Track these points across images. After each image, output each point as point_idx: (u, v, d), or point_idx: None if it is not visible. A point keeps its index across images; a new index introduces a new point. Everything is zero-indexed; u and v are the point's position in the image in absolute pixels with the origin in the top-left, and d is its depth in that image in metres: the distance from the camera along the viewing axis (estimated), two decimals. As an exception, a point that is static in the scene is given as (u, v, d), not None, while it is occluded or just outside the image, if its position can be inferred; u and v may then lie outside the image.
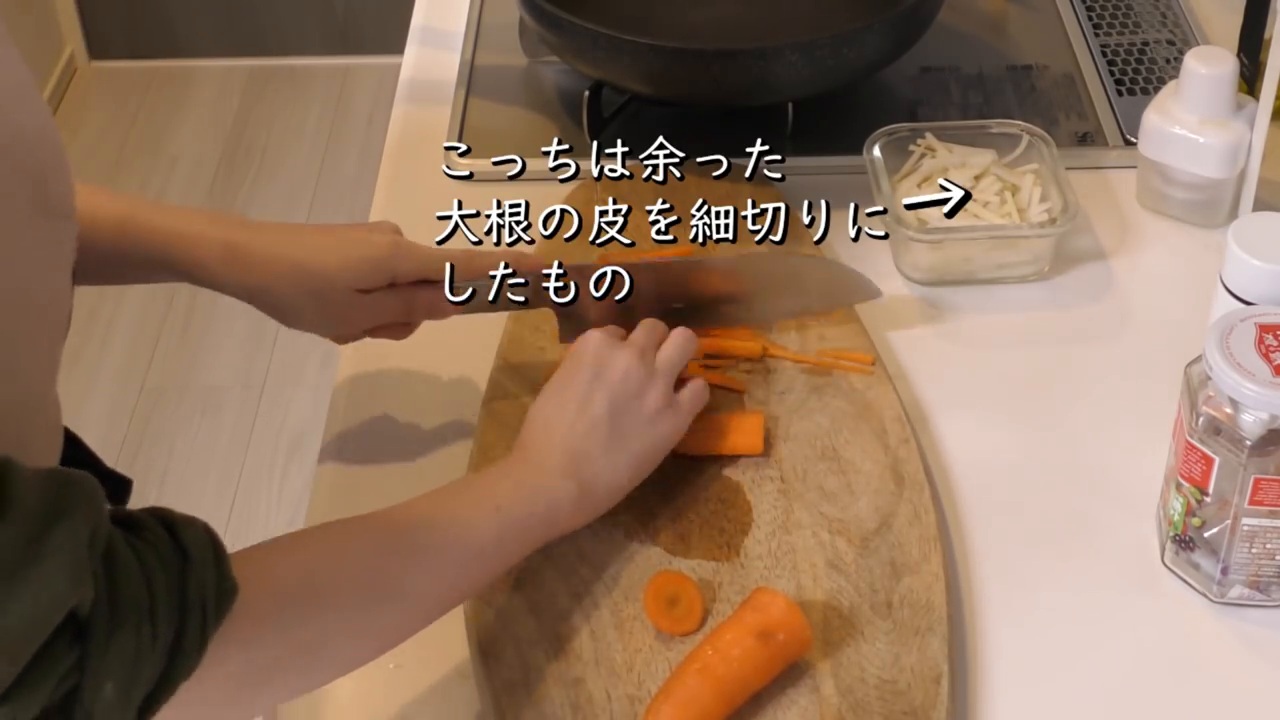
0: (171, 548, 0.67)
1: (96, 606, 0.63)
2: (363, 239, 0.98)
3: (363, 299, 0.98)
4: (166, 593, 0.65)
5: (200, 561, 0.67)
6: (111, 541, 0.64)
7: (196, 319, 2.54)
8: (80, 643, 0.62)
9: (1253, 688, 0.88)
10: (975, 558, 0.94)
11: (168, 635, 0.65)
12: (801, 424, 0.99)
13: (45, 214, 0.71)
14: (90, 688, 0.63)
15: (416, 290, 0.99)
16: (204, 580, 0.67)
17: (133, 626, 0.64)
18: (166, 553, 0.67)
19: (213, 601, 0.67)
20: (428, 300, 0.99)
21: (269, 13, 3.07)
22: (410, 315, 1.00)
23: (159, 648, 0.65)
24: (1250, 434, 0.84)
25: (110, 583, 0.63)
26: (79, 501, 0.63)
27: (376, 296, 0.98)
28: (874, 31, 1.23)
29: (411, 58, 1.42)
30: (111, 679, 0.63)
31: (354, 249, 0.97)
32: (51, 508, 0.61)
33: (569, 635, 0.87)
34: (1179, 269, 1.15)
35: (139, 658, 0.64)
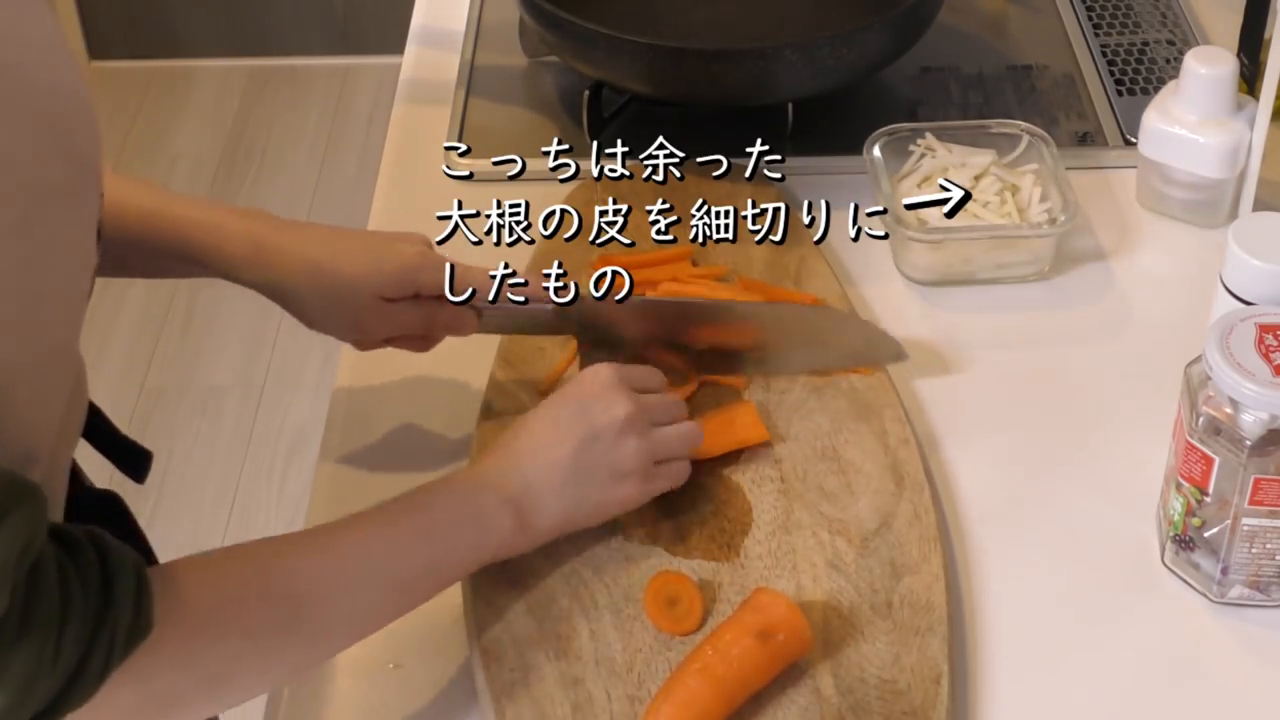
0: (98, 577, 0.67)
1: (8, 617, 0.62)
2: (391, 247, 0.98)
3: (386, 307, 0.97)
4: (80, 621, 0.65)
5: (121, 598, 0.67)
6: (42, 556, 0.64)
7: (196, 320, 2.54)
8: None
9: (1253, 688, 0.88)
10: (975, 558, 0.94)
11: (70, 660, 0.64)
12: (802, 424, 0.99)
13: (74, 169, 0.71)
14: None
15: (440, 305, 0.98)
16: (119, 617, 0.66)
17: (38, 644, 0.63)
18: (91, 580, 0.66)
19: (123, 637, 0.66)
20: (450, 316, 0.98)
21: (269, 13, 3.07)
22: (431, 329, 1.00)
23: (59, 670, 0.64)
24: (1250, 434, 0.84)
25: (28, 597, 0.63)
26: (21, 507, 0.62)
27: (400, 306, 0.97)
28: (874, 31, 1.23)
29: (411, 58, 1.42)
30: (5, 691, 0.62)
31: (381, 256, 0.97)
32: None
33: (569, 635, 0.87)
34: (1179, 269, 1.15)
35: (37, 675, 0.63)
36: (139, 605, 0.67)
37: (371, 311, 0.97)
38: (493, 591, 0.90)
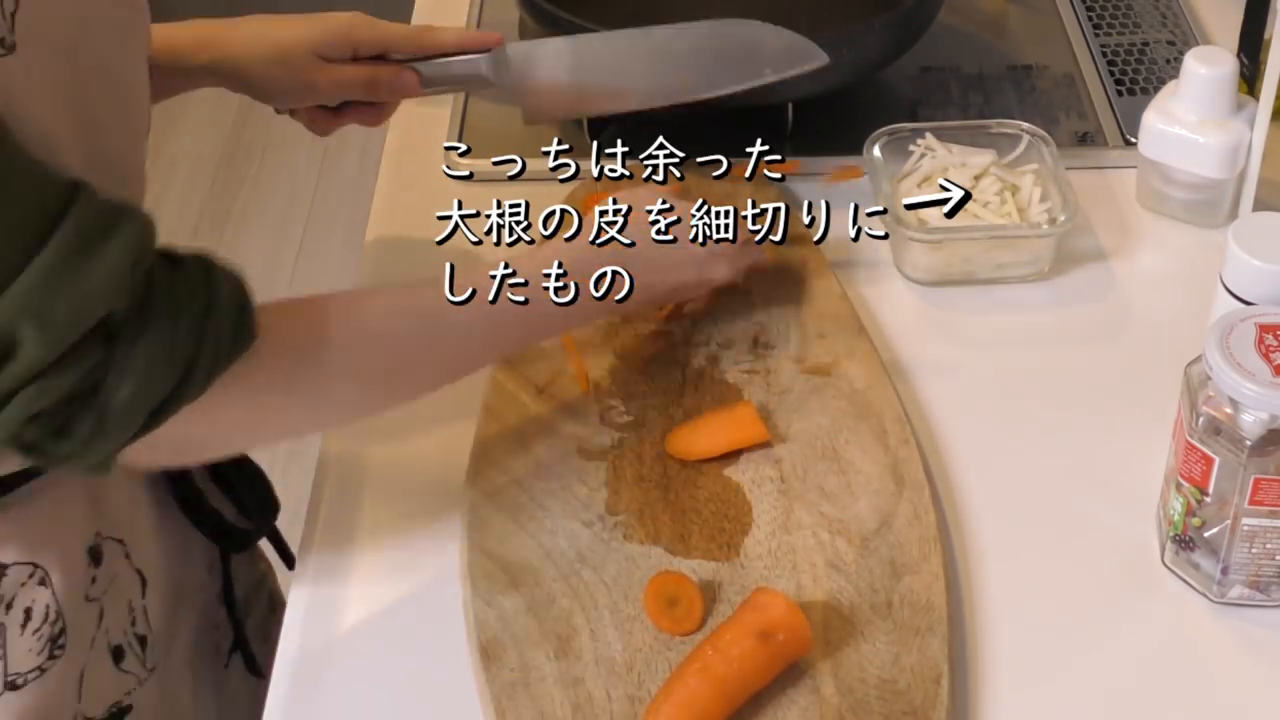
0: (204, 287, 0.75)
1: (128, 318, 0.71)
2: (326, 15, 1.06)
3: (326, 67, 1.04)
4: (189, 319, 0.73)
5: (224, 306, 0.75)
6: (153, 270, 0.73)
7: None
8: (108, 346, 0.71)
9: (1253, 688, 0.88)
10: (975, 558, 0.94)
11: (183, 355, 0.73)
12: (802, 424, 0.99)
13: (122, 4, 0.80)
14: (110, 386, 0.71)
15: (381, 66, 1.06)
16: (222, 322, 0.75)
17: (156, 339, 0.72)
18: (198, 288, 0.75)
19: (227, 341, 0.75)
20: (390, 75, 1.06)
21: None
22: (376, 91, 1.07)
23: (175, 365, 0.73)
24: (1250, 434, 0.84)
25: (144, 302, 0.72)
26: (133, 223, 0.72)
27: (340, 66, 1.05)
28: (874, 31, 1.23)
29: (411, 58, 1.42)
30: (129, 384, 0.72)
31: (316, 20, 1.05)
32: (108, 224, 0.71)
33: (569, 635, 0.87)
34: (1179, 269, 1.15)
35: (154, 370, 0.72)
36: (241, 313, 0.76)
37: (313, 71, 1.04)
38: (492, 591, 0.90)
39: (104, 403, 0.72)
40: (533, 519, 0.94)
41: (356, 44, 1.05)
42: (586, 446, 0.99)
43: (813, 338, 1.06)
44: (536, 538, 0.93)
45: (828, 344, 1.05)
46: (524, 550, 0.92)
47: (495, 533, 0.93)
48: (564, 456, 0.98)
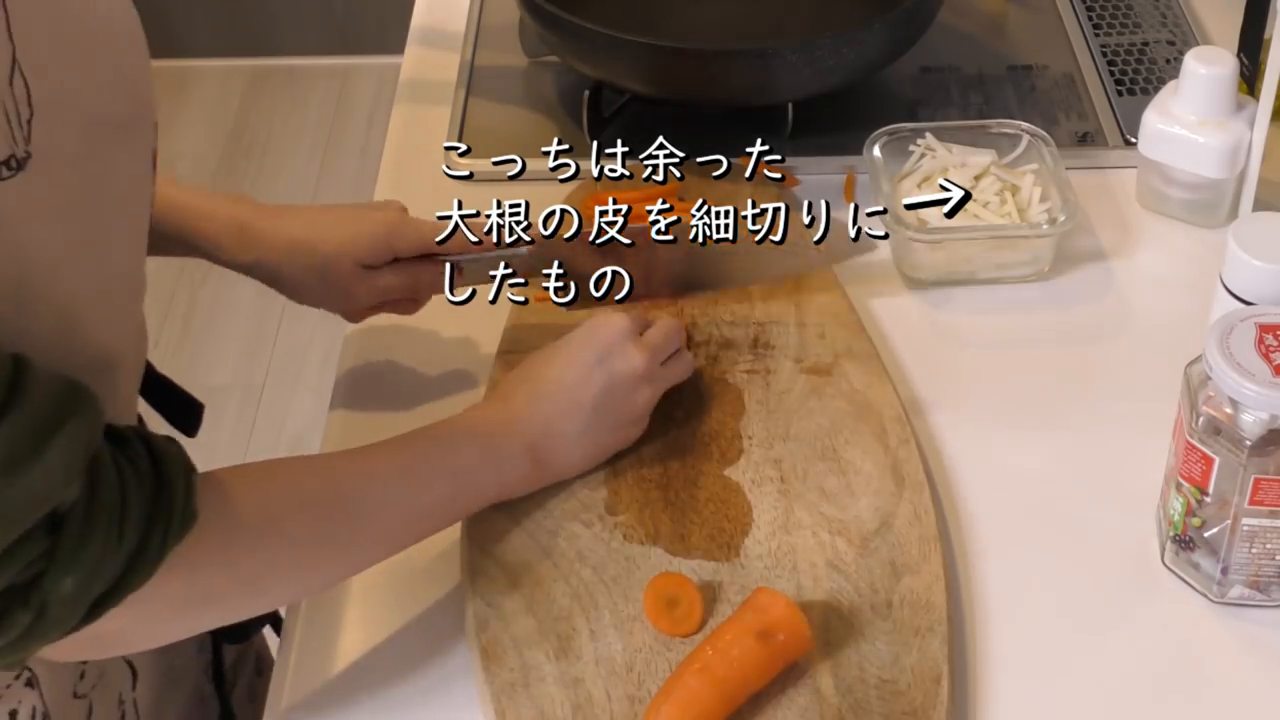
0: (150, 467, 0.71)
1: (75, 506, 0.66)
2: (365, 216, 1.01)
3: (367, 275, 1.00)
4: (138, 507, 0.69)
5: (172, 484, 0.71)
6: (99, 452, 0.68)
7: (196, 319, 2.54)
8: (52, 536, 0.66)
9: (1253, 688, 0.88)
10: (975, 558, 0.94)
11: (131, 542, 0.68)
12: (802, 424, 0.99)
13: (127, 99, 0.74)
14: (52, 578, 0.66)
15: (420, 267, 1.01)
16: (173, 500, 0.71)
17: (103, 531, 0.67)
18: (144, 470, 0.70)
19: (177, 519, 0.71)
20: (432, 277, 1.01)
21: (269, 13, 3.07)
22: (416, 292, 1.03)
23: (121, 555, 0.68)
24: (1250, 434, 0.84)
25: (91, 488, 0.67)
26: (84, 408, 0.66)
27: (381, 272, 1.01)
28: (874, 31, 1.23)
29: (411, 58, 1.42)
30: (73, 575, 0.67)
31: (356, 225, 1.00)
32: (61, 409, 0.65)
33: (569, 635, 0.87)
34: (1179, 269, 1.15)
35: (102, 560, 0.67)
36: (187, 493, 0.72)
37: (355, 280, 1.00)
38: (492, 591, 0.90)
39: (44, 597, 0.67)
40: (533, 519, 0.94)
41: (398, 250, 1.00)
42: (586, 446, 0.99)
43: (813, 338, 1.06)
44: (536, 538, 0.93)
45: (828, 344, 1.05)
46: (524, 550, 0.92)
47: (495, 532, 0.93)
48: (564, 456, 0.98)
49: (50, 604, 0.67)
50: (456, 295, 0.97)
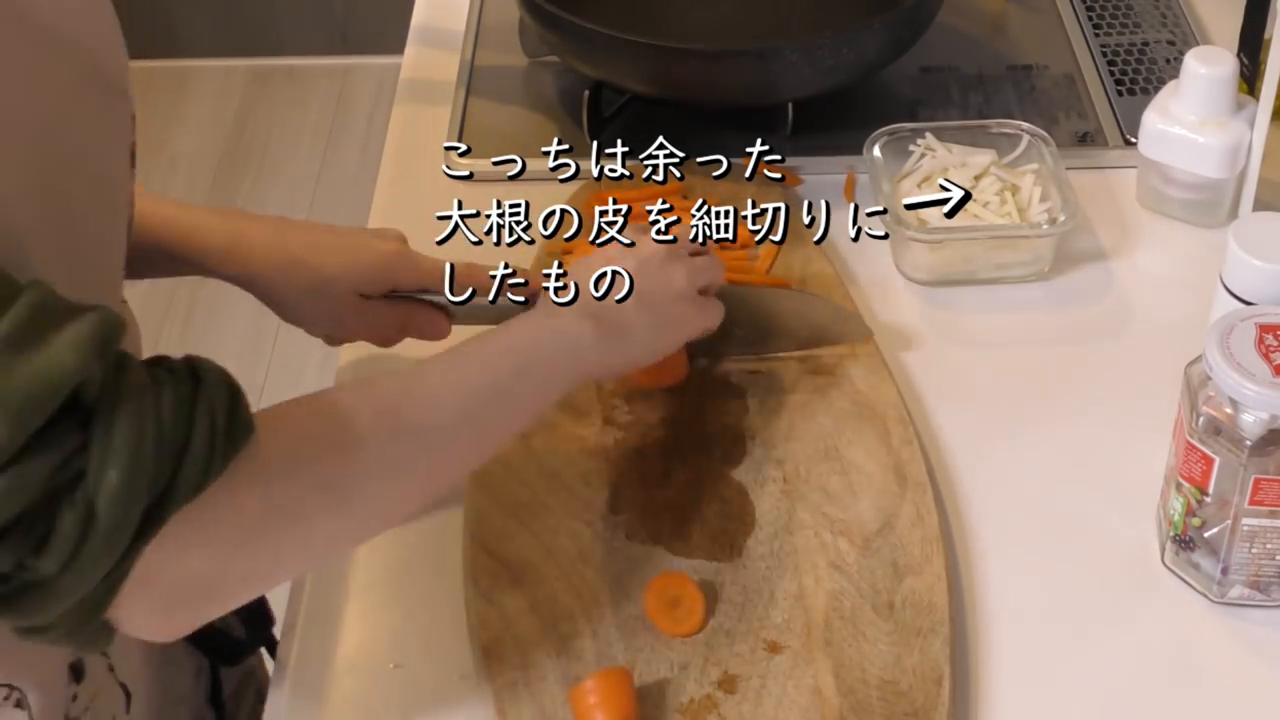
0: (186, 374, 0.68)
1: (103, 395, 0.63)
2: (367, 244, 0.99)
3: (360, 304, 0.98)
4: (173, 396, 0.66)
5: (212, 386, 0.68)
6: (125, 355, 0.66)
7: (197, 319, 2.54)
8: (84, 429, 0.63)
9: (1253, 688, 0.88)
10: (975, 558, 0.94)
11: (174, 439, 0.65)
12: (804, 424, 0.99)
13: (100, 89, 0.72)
14: (94, 471, 0.63)
15: (414, 307, 1.00)
16: (214, 401, 0.67)
17: (137, 420, 0.64)
18: (180, 374, 0.68)
19: (223, 424, 0.67)
20: (424, 319, 1.00)
21: (269, 13, 3.07)
22: (405, 330, 1.01)
23: (165, 448, 0.65)
24: (1250, 434, 0.84)
25: (118, 379, 0.64)
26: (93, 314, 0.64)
27: (374, 304, 0.99)
28: (874, 31, 1.23)
29: (411, 58, 1.42)
30: (114, 466, 0.63)
31: (357, 253, 0.98)
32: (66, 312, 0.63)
33: (571, 635, 0.87)
34: (1179, 269, 1.15)
35: (142, 450, 0.64)
36: (234, 402, 0.68)
37: (346, 308, 0.98)
38: (494, 590, 0.90)
39: (90, 495, 0.63)
40: (535, 518, 0.94)
41: (397, 285, 0.99)
42: (589, 446, 0.99)
43: (813, 338, 1.06)
44: (539, 536, 0.93)
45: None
46: (526, 549, 0.92)
47: (497, 531, 0.93)
48: (566, 455, 0.98)
49: (99, 504, 0.63)
50: (456, 295, 0.97)
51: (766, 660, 0.86)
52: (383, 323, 1.00)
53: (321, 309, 0.99)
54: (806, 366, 1.04)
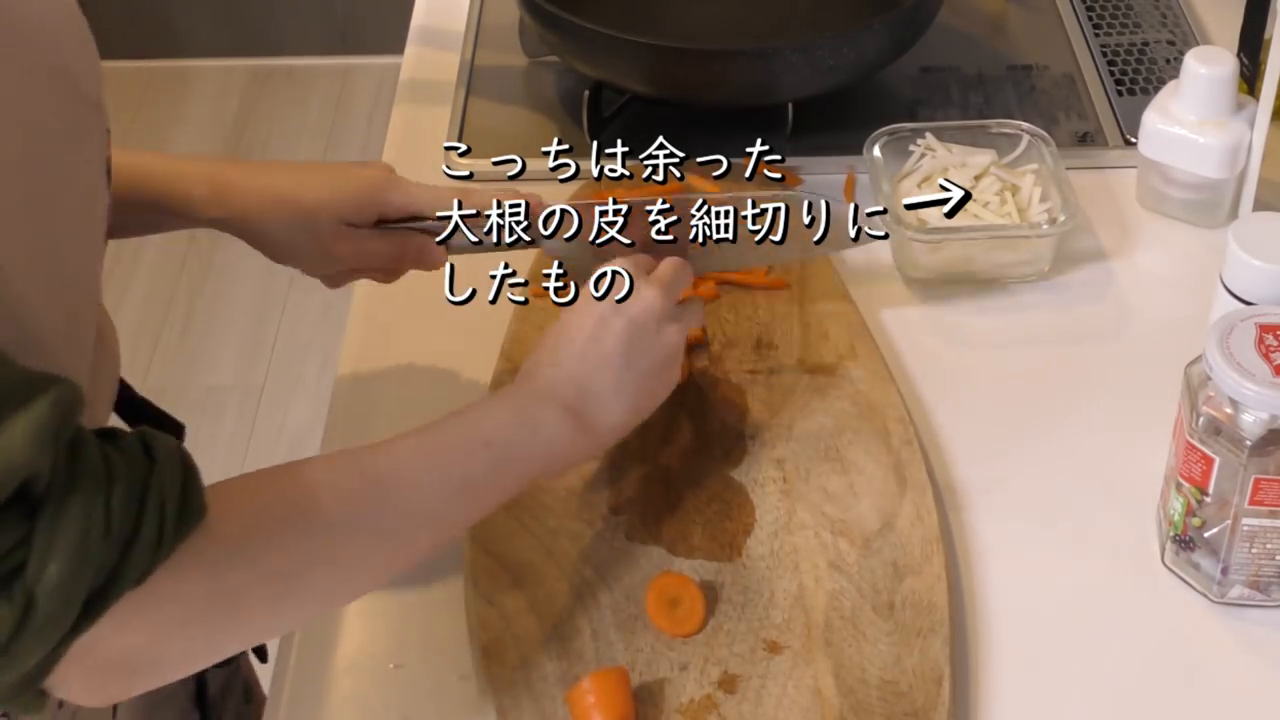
0: (140, 453, 0.66)
1: (52, 485, 0.62)
2: (351, 172, 0.98)
3: (351, 234, 0.97)
4: (126, 485, 0.64)
5: (165, 468, 0.66)
6: (80, 435, 0.64)
7: (196, 319, 2.54)
8: (30, 520, 0.62)
9: (1253, 688, 0.88)
10: (975, 558, 0.94)
11: (123, 528, 0.64)
12: (804, 424, 0.99)
13: (74, 104, 0.71)
14: (35, 564, 0.61)
15: (407, 235, 0.98)
16: (166, 484, 0.66)
17: (85, 510, 0.62)
18: (134, 453, 0.66)
19: (173, 509, 0.65)
20: (417, 246, 0.98)
21: (269, 13, 3.07)
22: (399, 261, 0.99)
23: (112, 538, 0.63)
24: (1250, 434, 0.84)
25: (70, 467, 0.63)
26: (53, 393, 0.62)
27: (365, 235, 0.97)
28: (874, 31, 1.23)
29: (411, 58, 1.42)
30: (56, 560, 0.62)
31: (341, 181, 0.97)
32: (30, 385, 0.61)
33: (571, 635, 0.87)
34: (1179, 269, 1.15)
35: (88, 541, 0.62)
36: (186, 484, 0.67)
37: (337, 238, 0.97)
38: (494, 591, 0.90)
39: (29, 587, 0.61)
40: (535, 518, 0.94)
41: (384, 209, 0.97)
42: (587, 447, 0.99)
43: (815, 338, 1.06)
44: (539, 537, 0.93)
45: (830, 344, 1.05)
46: (526, 549, 0.92)
47: (497, 531, 0.93)
48: (565, 457, 0.98)
49: (37, 596, 0.61)
50: (456, 295, 0.96)
51: (766, 660, 0.86)
52: (375, 254, 0.98)
53: (310, 243, 0.97)
54: (806, 366, 1.04)
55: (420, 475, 0.78)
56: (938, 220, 1.11)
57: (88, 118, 0.73)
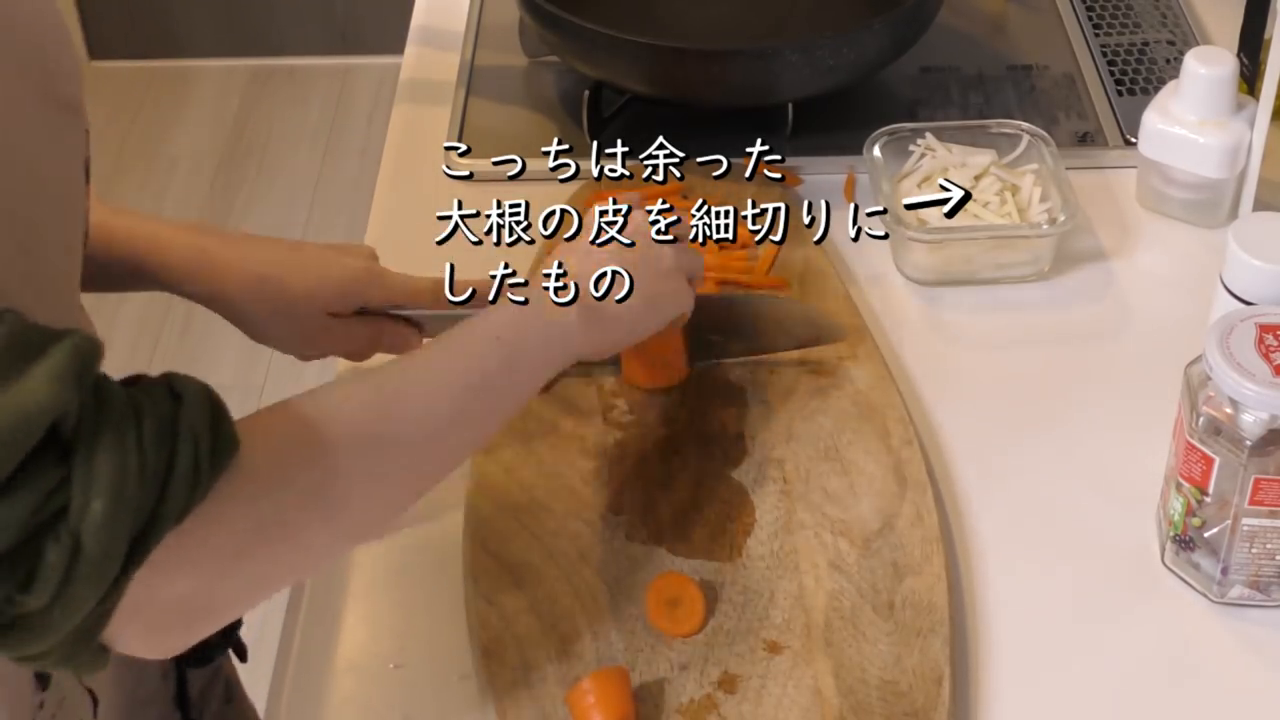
0: (166, 394, 0.66)
1: (82, 426, 0.62)
2: (335, 261, 0.98)
3: (330, 322, 0.98)
4: (155, 425, 0.64)
5: (192, 405, 0.66)
6: (104, 380, 0.64)
7: (196, 319, 2.54)
8: (65, 462, 0.62)
9: (1253, 688, 0.88)
10: (975, 558, 0.94)
11: (157, 466, 0.64)
12: (804, 425, 0.99)
13: (53, 105, 0.71)
14: (77, 504, 0.62)
15: (385, 323, 0.99)
16: (195, 421, 0.66)
17: (118, 449, 0.63)
18: (160, 396, 0.66)
19: (205, 444, 0.66)
20: (395, 335, 0.99)
21: (269, 13, 3.07)
22: (375, 346, 1.00)
23: (148, 476, 0.63)
24: (1250, 434, 0.84)
25: (97, 408, 0.63)
26: (70, 340, 0.62)
27: (345, 323, 0.98)
28: (874, 31, 1.23)
29: (411, 58, 1.42)
30: (98, 497, 0.62)
31: (326, 270, 0.97)
32: (43, 341, 0.62)
33: (571, 636, 0.87)
34: (1179, 269, 1.15)
35: (125, 479, 0.62)
36: (215, 416, 0.67)
37: (316, 327, 0.98)
38: (494, 591, 0.90)
39: (74, 528, 0.62)
40: (535, 518, 0.94)
41: (367, 302, 0.98)
42: (589, 446, 0.99)
43: (813, 338, 1.06)
44: (539, 537, 0.93)
45: (831, 344, 1.05)
46: (526, 549, 0.92)
47: (497, 531, 0.93)
48: (567, 455, 0.98)
49: (84, 536, 0.61)
50: (456, 295, 0.96)
51: (766, 660, 0.86)
52: (353, 340, 0.99)
53: (290, 328, 0.98)
54: (806, 367, 1.04)
55: (435, 379, 0.79)
56: (938, 220, 1.11)
57: (67, 120, 0.73)
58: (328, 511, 0.73)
